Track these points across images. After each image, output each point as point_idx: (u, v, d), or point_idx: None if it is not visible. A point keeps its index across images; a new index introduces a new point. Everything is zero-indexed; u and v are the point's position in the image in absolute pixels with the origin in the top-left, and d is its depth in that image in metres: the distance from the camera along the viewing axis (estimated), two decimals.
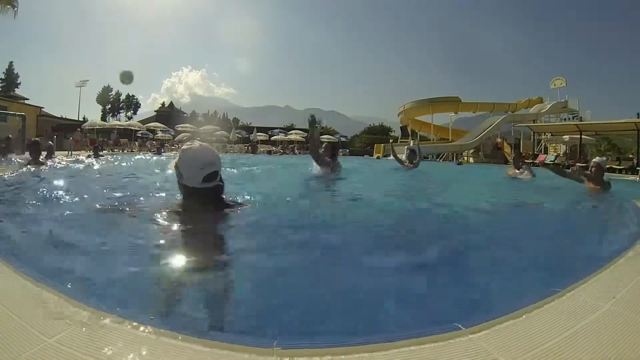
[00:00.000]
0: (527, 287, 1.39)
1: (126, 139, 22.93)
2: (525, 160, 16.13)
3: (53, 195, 2.82)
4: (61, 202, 2.64)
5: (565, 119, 21.69)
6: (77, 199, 2.72)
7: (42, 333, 0.82)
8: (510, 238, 2.29)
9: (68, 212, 2.30)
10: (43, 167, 5.30)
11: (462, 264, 1.72)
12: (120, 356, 0.77)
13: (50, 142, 7.88)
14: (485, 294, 1.38)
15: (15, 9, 15.93)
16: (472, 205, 3.33)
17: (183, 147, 1.87)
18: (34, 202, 2.65)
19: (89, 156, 9.38)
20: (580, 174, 4.81)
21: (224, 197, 2.00)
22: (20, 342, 0.79)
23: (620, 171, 13.30)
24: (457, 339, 0.87)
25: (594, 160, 4.76)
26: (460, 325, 0.93)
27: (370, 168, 9.45)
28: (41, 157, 5.49)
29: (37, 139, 5.84)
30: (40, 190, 3.19)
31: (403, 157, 8.19)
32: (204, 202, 1.83)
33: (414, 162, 7.69)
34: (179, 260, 1.48)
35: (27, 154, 5.79)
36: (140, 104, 59.04)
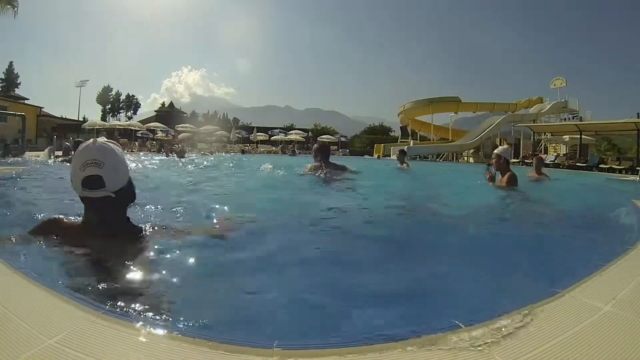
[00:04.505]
0: (526, 287, 1.39)
1: (126, 139, 22.98)
2: (526, 161, 16.15)
3: None
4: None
5: (565, 119, 21.70)
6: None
7: (42, 333, 0.82)
8: (508, 239, 2.29)
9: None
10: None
11: (461, 264, 1.72)
12: (121, 357, 0.77)
13: (67, 143, 8.23)
14: (485, 294, 1.38)
15: (15, 9, 15.95)
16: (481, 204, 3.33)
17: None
18: None
19: None
20: (489, 175, 4.48)
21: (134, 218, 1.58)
22: (20, 342, 0.79)
23: (620, 171, 13.31)
24: (456, 339, 0.87)
25: (494, 152, 4.57)
26: (460, 325, 0.92)
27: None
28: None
29: (79, 139, 6.54)
30: None
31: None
32: (97, 218, 1.41)
33: (405, 162, 8.08)
34: (175, 262, 1.48)
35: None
36: (140, 104, 59.19)
